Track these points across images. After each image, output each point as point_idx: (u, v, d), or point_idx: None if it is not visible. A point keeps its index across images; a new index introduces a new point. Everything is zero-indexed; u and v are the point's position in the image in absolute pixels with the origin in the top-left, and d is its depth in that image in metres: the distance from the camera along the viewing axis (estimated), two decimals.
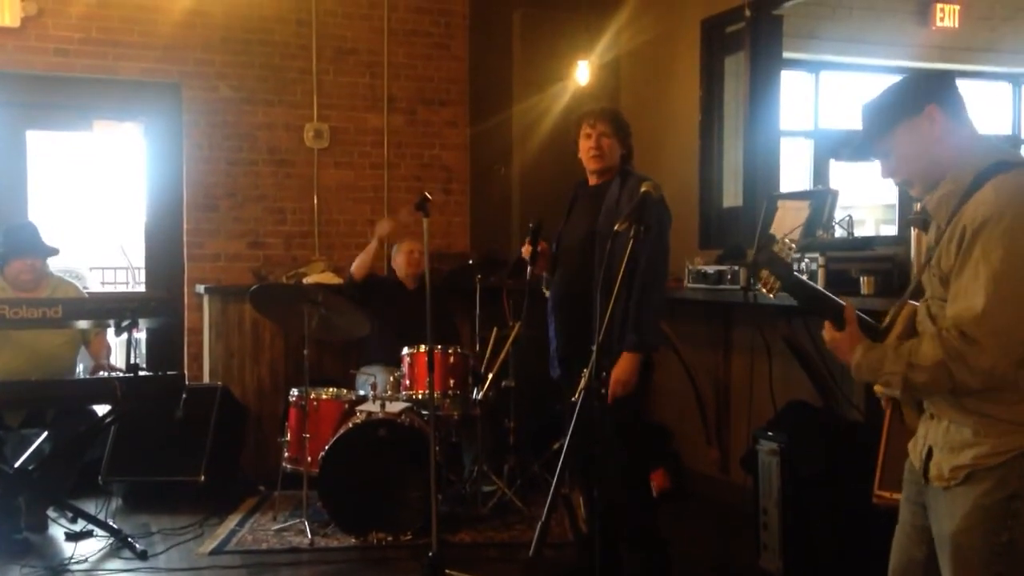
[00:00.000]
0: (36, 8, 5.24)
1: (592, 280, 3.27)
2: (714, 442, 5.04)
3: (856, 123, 2.19)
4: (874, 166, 2.17)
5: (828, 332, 2.12)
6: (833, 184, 5.99)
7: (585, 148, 3.56)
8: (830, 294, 2.14)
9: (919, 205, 2.21)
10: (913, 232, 3.46)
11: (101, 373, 4.34)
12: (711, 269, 4.51)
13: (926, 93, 2.06)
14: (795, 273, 2.09)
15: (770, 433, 3.79)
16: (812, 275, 3.80)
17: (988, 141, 2.08)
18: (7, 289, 4.33)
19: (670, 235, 3.56)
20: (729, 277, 4.36)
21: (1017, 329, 1.88)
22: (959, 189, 2.00)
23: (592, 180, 3.61)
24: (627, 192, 3.41)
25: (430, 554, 3.58)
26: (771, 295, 2.14)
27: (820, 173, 6.55)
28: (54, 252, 4.48)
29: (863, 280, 3.64)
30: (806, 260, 3.82)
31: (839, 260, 3.78)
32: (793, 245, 2.10)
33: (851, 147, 2.16)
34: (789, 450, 3.68)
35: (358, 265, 5.24)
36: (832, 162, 6.47)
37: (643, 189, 2.76)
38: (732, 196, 5.21)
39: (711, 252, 4.88)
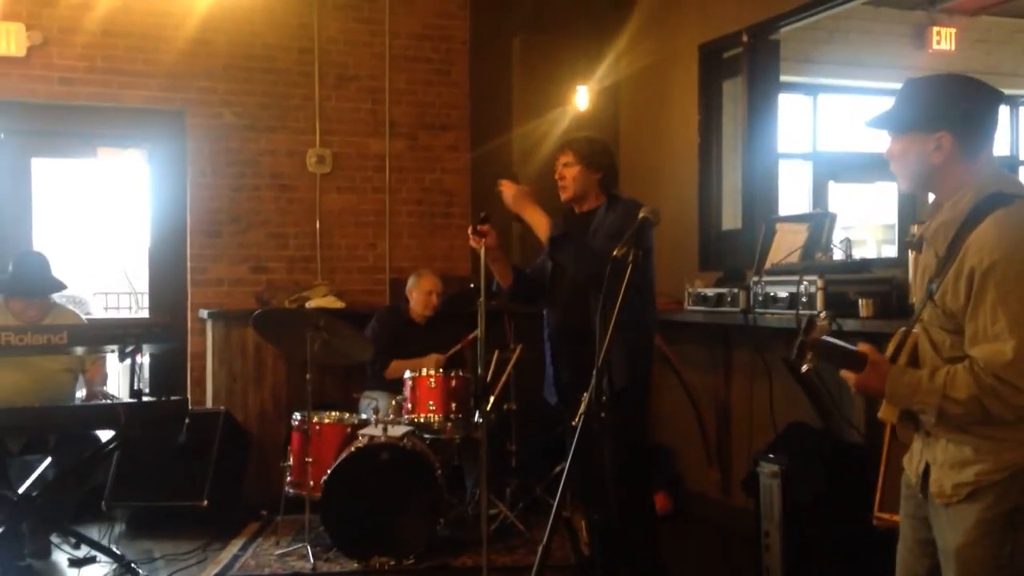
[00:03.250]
0: (41, 37, 5.30)
1: (588, 308, 3.30)
2: (715, 464, 5.04)
3: (855, 145, 2.21)
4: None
5: (849, 377, 2.11)
6: (832, 206, 6.04)
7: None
8: (851, 346, 2.15)
9: (916, 228, 2.24)
10: (911, 255, 3.49)
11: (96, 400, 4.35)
12: (711, 292, 4.54)
13: (945, 117, 2.05)
14: (827, 339, 2.10)
15: (771, 455, 3.80)
16: (811, 297, 3.82)
17: (990, 168, 2.08)
18: (10, 317, 4.35)
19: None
20: (729, 299, 4.39)
21: None
22: (956, 219, 2.03)
23: (576, 208, 3.63)
24: (612, 214, 3.43)
25: None
26: (807, 368, 2.11)
27: (819, 195, 6.59)
28: (62, 288, 4.49)
29: (861, 303, 3.66)
30: (804, 283, 3.84)
31: (838, 283, 3.81)
32: (825, 319, 2.12)
33: (878, 118, 2.15)
34: (790, 472, 3.69)
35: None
36: (830, 184, 6.52)
37: (641, 215, 2.79)
38: (731, 219, 5.24)
39: (710, 274, 4.91)
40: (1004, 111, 7.63)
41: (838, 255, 4.20)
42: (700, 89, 5.36)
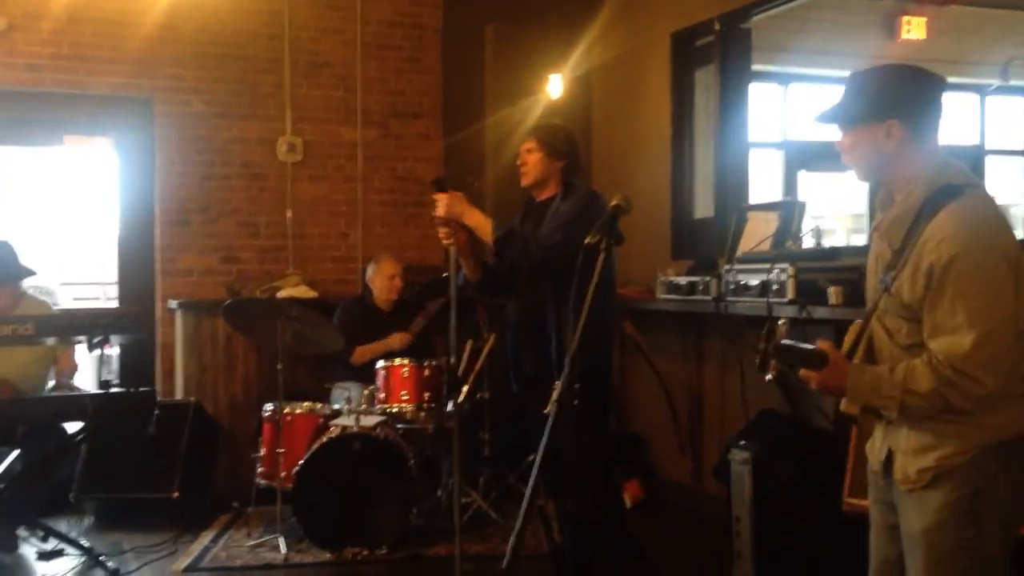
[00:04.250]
0: (5, 23, 5.20)
1: (543, 298, 3.32)
2: (687, 452, 5.07)
3: (825, 135, 2.24)
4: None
5: (809, 375, 2.12)
6: (802, 195, 6.08)
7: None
8: (809, 346, 2.16)
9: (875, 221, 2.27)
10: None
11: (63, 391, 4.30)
12: (683, 280, 4.56)
13: (892, 105, 2.09)
14: (785, 342, 2.11)
15: (742, 442, 3.82)
16: (782, 285, 3.84)
17: (939, 159, 2.11)
18: None
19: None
20: (701, 288, 4.40)
21: (1004, 358, 1.97)
22: (909, 212, 2.07)
23: (536, 195, 3.63)
24: (565, 205, 3.44)
25: None
26: (772, 376, 2.12)
27: (790, 184, 6.63)
28: (31, 274, 4.44)
29: (831, 291, 3.69)
30: (775, 271, 3.87)
31: (808, 271, 3.83)
32: (784, 324, 2.14)
33: (826, 113, 2.18)
34: (760, 459, 3.71)
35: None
36: (801, 173, 6.56)
37: (613, 202, 2.78)
38: (704, 207, 5.26)
39: (683, 263, 4.92)
40: (974, 100, 7.73)
41: (808, 243, 4.23)
42: (672, 77, 5.37)
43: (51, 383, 4.50)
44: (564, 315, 3.15)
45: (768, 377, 2.11)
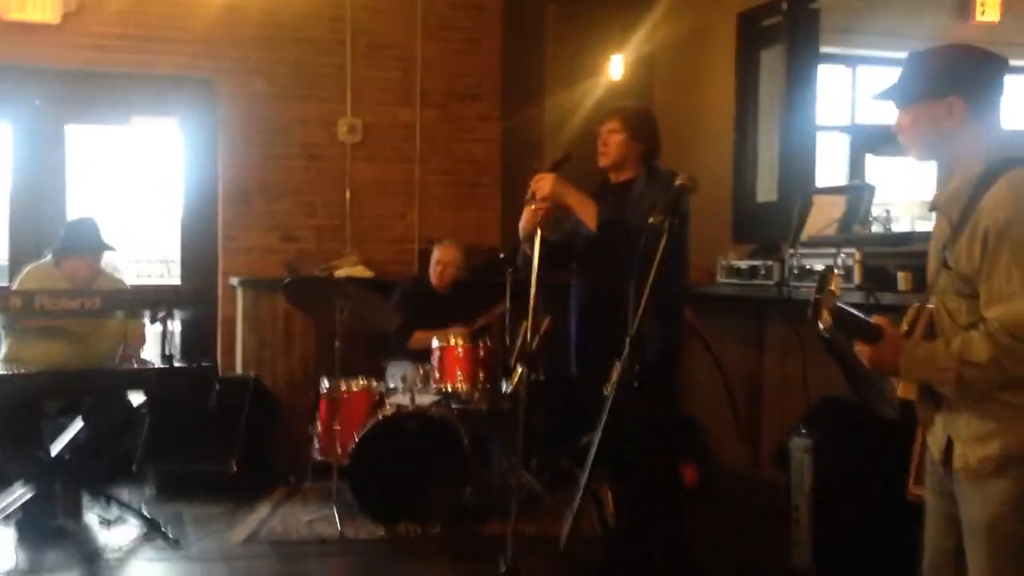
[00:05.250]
0: (76, 4, 5.31)
1: (619, 278, 3.26)
2: (745, 438, 5.00)
3: (894, 118, 2.18)
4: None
5: (864, 350, 2.09)
6: (870, 179, 5.91)
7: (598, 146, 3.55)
8: (866, 317, 2.11)
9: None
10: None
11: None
12: (744, 264, 4.48)
13: (954, 81, 2.05)
14: (843, 306, 2.07)
15: (803, 430, 3.75)
16: (848, 270, 3.75)
17: (1001, 137, 2.06)
18: (62, 281, 4.40)
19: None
20: (763, 272, 4.33)
21: None
22: (968, 185, 2.02)
23: (612, 177, 3.58)
24: (655, 188, 3.37)
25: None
26: (824, 330, 2.08)
27: (856, 168, 6.46)
28: (110, 249, 4.56)
29: (900, 276, 3.59)
30: (842, 256, 3.78)
31: (876, 256, 3.74)
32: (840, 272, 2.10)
33: (885, 91, 2.16)
34: (822, 447, 3.64)
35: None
36: (868, 156, 6.39)
37: (678, 182, 2.74)
38: (766, 191, 5.16)
39: (744, 247, 4.84)
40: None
41: (877, 228, 4.12)
42: (737, 58, 5.27)
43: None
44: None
45: (822, 327, 2.05)
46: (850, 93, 6.88)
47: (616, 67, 5.59)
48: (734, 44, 5.29)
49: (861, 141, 6.55)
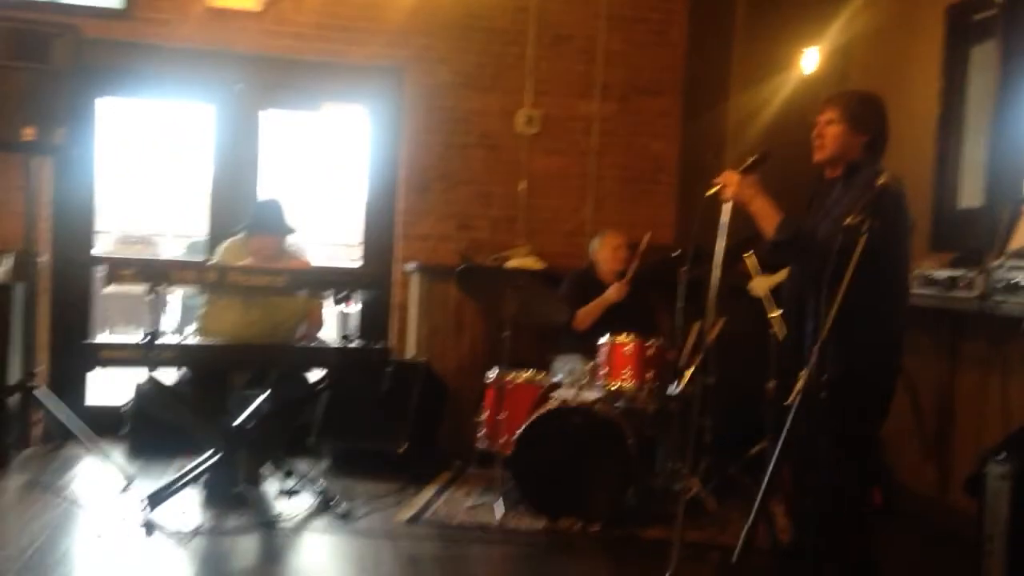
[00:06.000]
0: None
1: (810, 284, 3.07)
2: (932, 459, 4.66)
3: None
4: None
5: None
6: None
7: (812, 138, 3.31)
8: None
9: None
10: None
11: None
12: (942, 274, 4.16)
13: None
14: None
15: (1002, 455, 3.45)
16: None
17: None
18: (247, 255, 4.65)
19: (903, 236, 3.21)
20: (963, 283, 4.01)
21: None
22: None
23: (827, 173, 3.31)
24: (849, 196, 3.10)
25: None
26: None
27: None
28: (292, 231, 4.78)
29: None
30: None
31: None
32: None
33: None
34: (1023, 475, 3.34)
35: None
36: None
37: (880, 181, 2.55)
38: (970, 196, 4.78)
39: (942, 255, 4.50)
40: None
41: None
42: (944, 54, 4.89)
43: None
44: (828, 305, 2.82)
45: None
46: None
47: (810, 60, 5.31)
48: (941, 38, 4.92)
49: None
